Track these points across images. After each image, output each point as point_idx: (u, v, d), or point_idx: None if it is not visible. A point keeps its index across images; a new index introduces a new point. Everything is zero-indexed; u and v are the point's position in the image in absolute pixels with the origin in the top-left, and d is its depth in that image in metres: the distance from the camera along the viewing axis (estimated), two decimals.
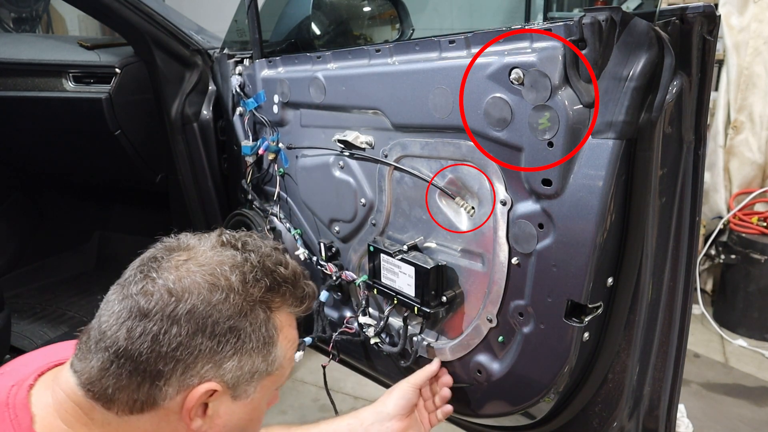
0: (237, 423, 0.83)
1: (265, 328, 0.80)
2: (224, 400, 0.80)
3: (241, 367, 0.78)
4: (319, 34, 1.99)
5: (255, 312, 0.79)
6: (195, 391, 0.76)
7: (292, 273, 0.85)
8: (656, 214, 1.04)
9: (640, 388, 1.17)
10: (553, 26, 0.99)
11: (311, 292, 0.88)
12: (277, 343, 0.82)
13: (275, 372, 0.83)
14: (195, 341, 0.74)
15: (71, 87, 2.09)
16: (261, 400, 0.85)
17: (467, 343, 1.29)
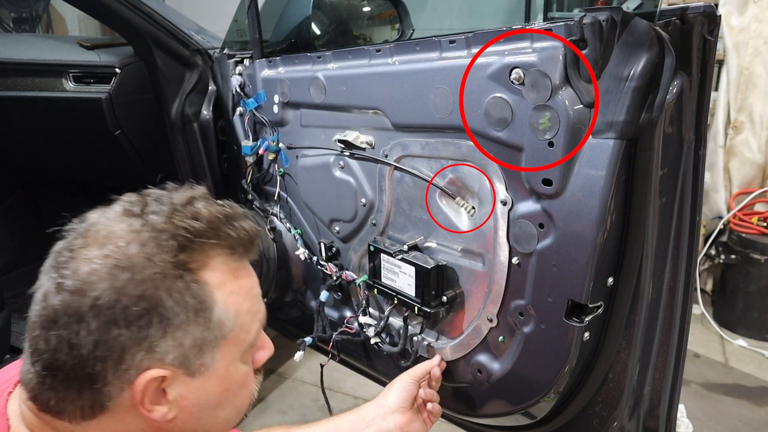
0: (210, 398, 0.74)
1: (189, 294, 0.68)
2: (180, 381, 0.71)
3: (180, 343, 0.68)
4: (319, 34, 1.99)
5: (169, 281, 0.67)
6: (137, 384, 0.67)
7: (210, 222, 0.71)
8: (656, 214, 1.04)
9: (641, 388, 1.17)
10: (553, 26, 0.99)
11: (244, 235, 0.75)
12: (216, 304, 0.71)
13: (230, 335, 0.73)
14: (111, 335, 0.65)
15: (71, 87, 2.09)
16: (229, 368, 0.75)
17: (468, 343, 1.29)
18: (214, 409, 0.76)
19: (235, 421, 0.82)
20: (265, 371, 2.85)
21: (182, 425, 0.74)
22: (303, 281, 1.79)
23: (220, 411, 0.77)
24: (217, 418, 0.77)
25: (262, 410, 2.58)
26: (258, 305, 0.78)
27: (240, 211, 0.76)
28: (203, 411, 0.75)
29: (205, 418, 0.76)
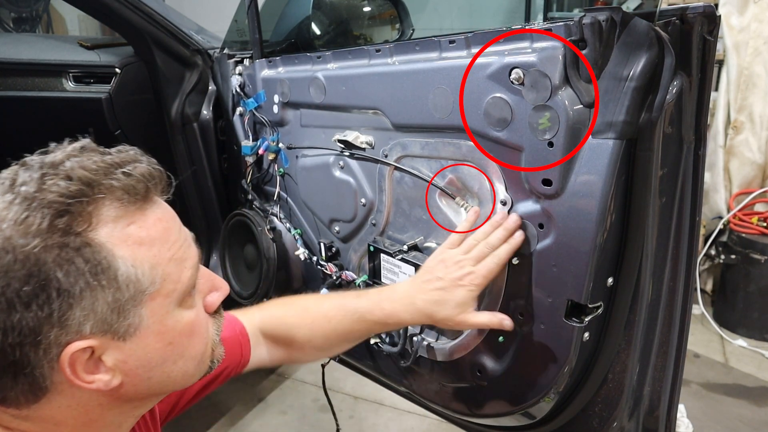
0: (153, 356, 0.70)
1: (81, 259, 0.62)
2: (113, 347, 0.67)
3: (92, 311, 0.63)
4: (319, 34, 1.99)
5: (53, 252, 0.61)
6: (62, 361, 0.64)
7: (86, 178, 0.63)
8: (656, 214, 1.04)
9: (640, 388, 1.17)
10: (553, 26, 0.99)
11: (138, 179, 0.67)
12: (118, 262, 0.64)
13: (150, 289, 0.67)
14: (14, 320, 0.61)
15: (71, 87, 2.09)
16: (165, 322, 0.70)
17: (467, 344, 1.29)
18: (163, 365, 0.72)
19: (196, 372, 0.77)
20: (265, 371, 2.83)
21: (134, 388, 0.71)
22: (303, 281, 1.79)
23: (171, 366, 0.73)
24: (171, 374, 0.73)
25: (262, 410, 2.58)
26: (183, 251, 0.71)
27: (130, 155, 0.69)
28: (151, 370, 0.71)
29: (156, 376, 0.72)
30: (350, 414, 2.54)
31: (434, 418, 2.25)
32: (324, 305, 1.19)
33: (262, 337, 1.20)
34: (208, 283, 0.80)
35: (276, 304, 1.24)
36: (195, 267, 0.73)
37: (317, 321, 1.17)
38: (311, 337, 1.18)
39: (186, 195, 2.03)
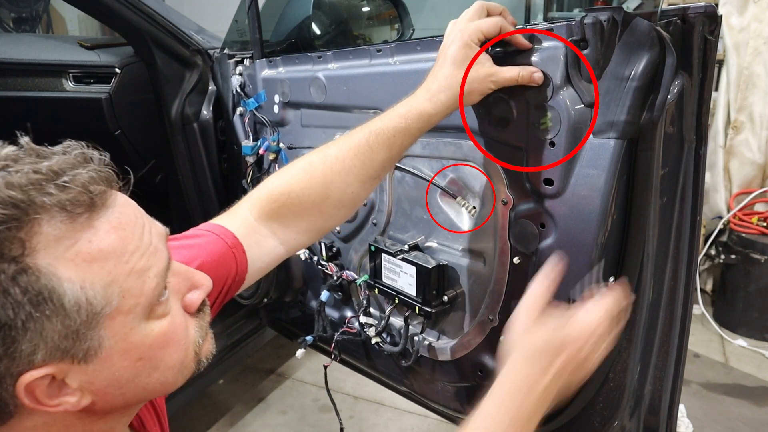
0: (122, 373, 0.64)
1: (18, 289, 0.55)
2: (74, 370, 0.61)
3: (43, 340, 0.57)
4: (320, 34, 1.99)
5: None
6: (18, 391, 0.58)
7: (14, 200, 0.55)
8: (657, 213, 1.04)
9: (641, 388, 1.17)
10: (554, 26, 0.99)
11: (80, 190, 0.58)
12: (60, 287, 0.57)
13: (107, 309, 0.60)
14: None
15: (71, 87, 2.09)
16: (130, 339, 0.63)
17: (468, 343, 1.29)
18: (135, 380, 0.66)
19: (177, 379, 0.71)
20: (265, 371, 2.83)
21: (108, 405, 0.66)
22: (303, 281, 1.79)
23: (145, 379, 0.67)
24: (147, 386, 0.68)
25: (262, 410, 2.58)
26: (146, 259, 0.63)
27: (69, 162, 0.60)
28: (122, 387, 0.65)
29: (130, 391, 0.66)
30: (350, 414, 2.54)
31: (434, 417, 2.25)
32: (331, 149, 1.02)
33: (264, 227, 1.04)
34: (186, 282, 0.72)
35: (272, 178, 1.07)
36: (161, 274, 0.65)
37: (329, 169, 1.01)
38: (327, 193, 1.02)
39: (186, 195, 2.03)
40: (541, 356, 0.83)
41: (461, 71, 0.98)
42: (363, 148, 1.00)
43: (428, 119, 1.00)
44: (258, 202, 1.04)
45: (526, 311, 0.88)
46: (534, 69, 0.99)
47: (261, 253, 1.03)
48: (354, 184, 1.02)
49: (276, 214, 1.04)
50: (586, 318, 0.87)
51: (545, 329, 0.85)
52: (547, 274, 0.93)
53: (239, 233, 1.00)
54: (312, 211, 1.04)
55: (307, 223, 1.06)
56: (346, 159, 1.01)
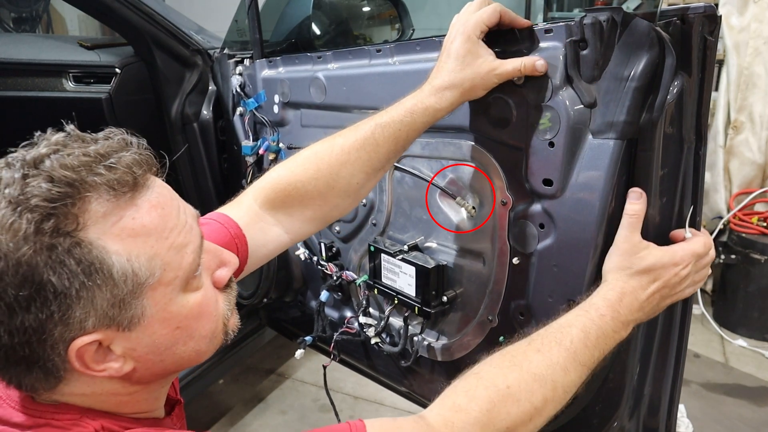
0: (161, 341, 0.70)
1: (73, 260, 0.61)
2: (119, 337, 0.67)
3: (93, 308, 0.63)
4: (320, 34, 1.98)
5: (44, 256, 0.60)
6: (70, 356, 0.64)
7: (68, 178, 0.61)
8: (657, 214, 1.04)
9: (641, 388, 1.17)
10: (554, 26, 0.99)
11: (124, 170, 0.65)
12: (113, 258, 0.63)
13: (150, 281, 0.66)
14: (17, 322, 0.61)
15: (71, 87, 2.09)
16: (169, 309, 0.69)
17: (468, 343, 1.29)
18: (173, 348, 0.72)
19: (208, 348, 0.77)
20: (265, 371, 2.84)
21: (148, 371, 0.72)
22: (303, 281, 1.79)
23: (181, 347, 0.73)
24: (183, 354, 0.73)
25: (262, 410, 2.58)
26: (184, 236, 0.69)
27: (115, 145, 0.68)
28: (161, 354, 0.71)
29: (168, 358, 0.72)
30: (350, 414, 2.54)
31: None
32: (337, 140, 1.05)
33: (269, 215, 1.07)
34: (216, 258, 0.78)
35: (277, 168, 1.09)
36: (197, 250, 0.71)
37: (335, 159, 1.04)
38: (332, 183, 1.04)
39: (186, 195, 2.03)
40: (646, 273, 0.94)
41: (465, 66, 1.00)
42: (369, 141, 1.03)
43: (434, 114, 1.02)
44: (263, 191, 1.07)
45: (628, 239, 0.96)
46: (536, 58, 1.00)
47: (265, 240, 1.06)
48: (359, 175, 1.05)
49: (281, 203, 1.06)
50: (680, 251, 0.96)
51: (651, 252, 0.95)
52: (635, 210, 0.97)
53: (244, 221, 1.03)
54: (317, 200, 1.06)
55: (311, 212, 1.08)
56: (352, 151, 1.03)
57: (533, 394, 0.82)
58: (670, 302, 0.99)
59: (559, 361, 0.85)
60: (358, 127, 1.05)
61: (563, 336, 0.88)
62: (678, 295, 0.99)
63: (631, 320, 0.93)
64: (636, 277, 0.94)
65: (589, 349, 0.88)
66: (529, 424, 0.82)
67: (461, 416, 0.79)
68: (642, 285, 0.94)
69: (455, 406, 0.80)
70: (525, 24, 1.03)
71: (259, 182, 1.09)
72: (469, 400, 0.80)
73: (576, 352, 0.86)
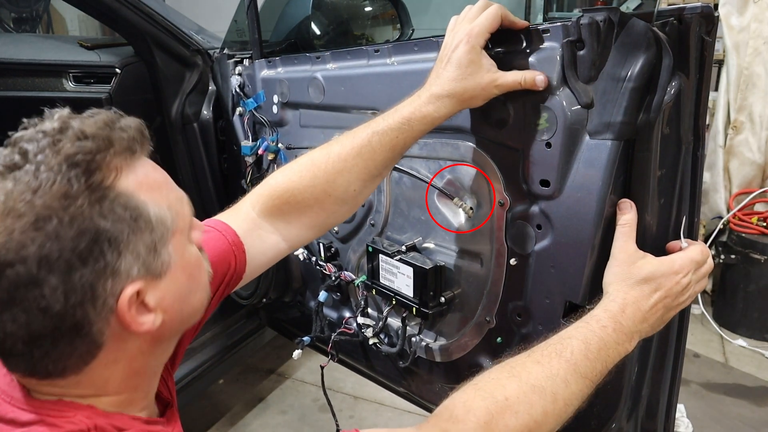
0: (181, 288, 0.75)
1: (120, 207, 0.66)
2: (153, 287, 0.71)
3: (137, 255, 0.68)
4: (319, 34, 1.99)
5: (96, 206, 0.64)
6: (120, 310, 0.67)
7: (97, 135, 0.66)
8: (655, 215, 1.04)
9: (639, 389, 1.17)
10: (551, 27, 0.99)
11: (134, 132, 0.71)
12: (145, 205, 0.69)
13: (172, 226, 0.72)
14: (75, 279, 0.63)
15: (71, 87, 2.09)
16: (185, 255, 0.75)
17: (465, 344, 1.29)
18: (189, 296, 0.77)
19: (206, 301, 0.82)
20: (265, 371, 2.84)
21: (171, 325, 0.75)
22: (302, 281, 1.79)
23: (193, 296, 0.78)
24: (194, 304, 0.79)
25: (262, 410, 2.58)
26: (178, 190, 0.77)
27: (114, 114, 0.72)
28: (182, 303, 0.76)
29: (186, 308, 0.77)
30: (350, 414, 2.54)
31: None
32: (334, 148, 1.06)
33: (267, 223, 1.08)
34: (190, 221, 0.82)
35: (275, 175, 1.10)
36: (189, 203, 0.78)
37: (331, 167, 1.04)
38: (329, 191, 1.06)
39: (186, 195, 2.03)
40: (647, 282, 0.93)
41: (466, 77, 0.99)
42: (366, 149, 1.03)
43: (432, 122, 1.02)
44: (261, 198, 1.08)
45: (623, 249, 0.97)
46: (537, 73, 1.00)
47: (263, 248, 1.07)
48: (356, 182, 1.05)
49: (279, 210, 1.07)
50: (679, 260, 0.97)
51: (649, 261, 0.95)
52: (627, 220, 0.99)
53: (242, 229, 1.04)
54: (314, 208, 1.07)
55: (309, 219, 1.09)
56: (349, 158, 1.04)
57: (532, 406, 0.81)
58: (674, 313, 0.97)
59: (559, 373, 0.84)
60: (355, 134, 1.05)
61: (563, 347, 0.86)
62: (681, 305, 0.98)
63: (635, 331, 0.91)
64: (637, 287, 0.93)
65: (590, 360, 0.86)
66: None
67: (458, 427, 0.78)
68: (644, 295, 0.93)
69: (452, 417, 0.79)
70: (523, 25, 1.03)
71: (256, 190, 1.10)
72: (466, 411, 0.79)
73: (577, 364, 0.85)
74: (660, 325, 0.96)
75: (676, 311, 0.98)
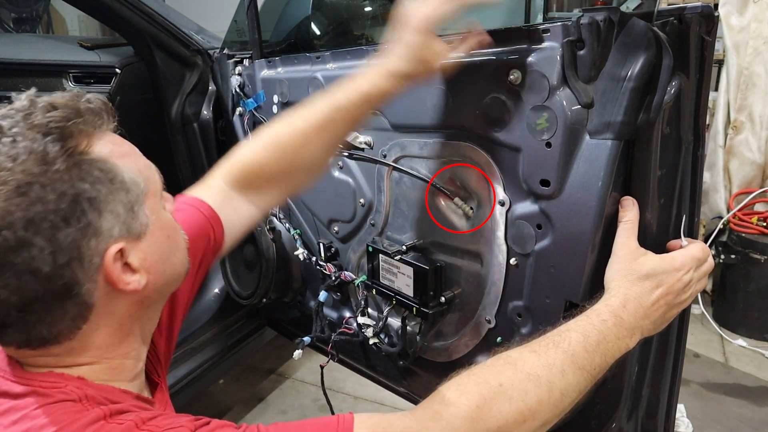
0: (162, 248, 0.79)
1: (97, 170, 0.70)
2: (134, 247, 0.74)
3: (117, 215, 0.72)
4: (319, 34, 1.99)
5: (75, 169, 0.68)
6: (105, 267, 0.71)
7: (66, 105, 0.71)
8: (655, 214, 1.04)
9: (639, 389, 1.17)
10: (551, 26, 0.99)
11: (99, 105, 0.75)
12: (118, 168, 0.73)
13: (146, 189, 0.76)
14: (60, 239, 0.67)
15: (71, 87, 2.09)
16: (161, 217, 0.79)
17: (465, 344, 1.29)
18: (169, 256, 0.81)
19: (186, 263, 0.85)
20: (265, 371, 2.83)
21: (155, 285, 0.78)
22: (302, 281, 1.79)
23: (173, 257, 0.82)
24: (175, 265, 0.82)
25: (262, 410, 2.58)
26: (145, 159, 0.81)
27: (80, 92, 0.77)
28: (164, 263, 0.79)
29: (168, 268, 0.80)
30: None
31: None
32: (298, 123, 1.09)
33: (239, 195, 1.12)
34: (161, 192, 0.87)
35: (242, 150, 1.14)
36: (149, 166, 0.81)
37: (296, 142, 1.09)
38: (295, 163, 1.11)
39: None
40: (649, 278, 0.94)
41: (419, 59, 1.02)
42: (328, 123, 1.08)
43: (389, 97, 1.07)
44: (231, 172, 1.12)
45: (625, 246, 0.97)
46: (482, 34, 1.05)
47: (239, 218, 1.12)
48: (321, 153, 1.12)
49: (249, 183, 1.12)
50: (680, 257, 0.97)
51: (650, 258, 0.95)
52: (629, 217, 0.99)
53: (217, 203, 1.08)
54: (282, 178, 1.13)
55: (278, 188, 1.15)
56: (313, 133, 1.08)
57: (527, 393, 0.81)
58: (676, 312, 0.97)
59: (556, 363, 0.84)
60: (317, 109, 1.08)
61: (561, 339, 0.87)
62: (683, 304, 0.98)
63: (636, 327, 0.91)
64: (639, 283, 0.93)
65: (588, 353, 0.86)
66: (523, 425, 0.81)
67: (450, 410, 0.78)
68: (646, 291, 0.92)
69: (445, 400, 0.79)
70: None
71: (226, 165, 1.13)
72: (459, 394, 0.80)
73: (575, 355, 0.85)
74: (662, 324, 0.96)
75: (678, 309, 0.97)
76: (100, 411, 0.70)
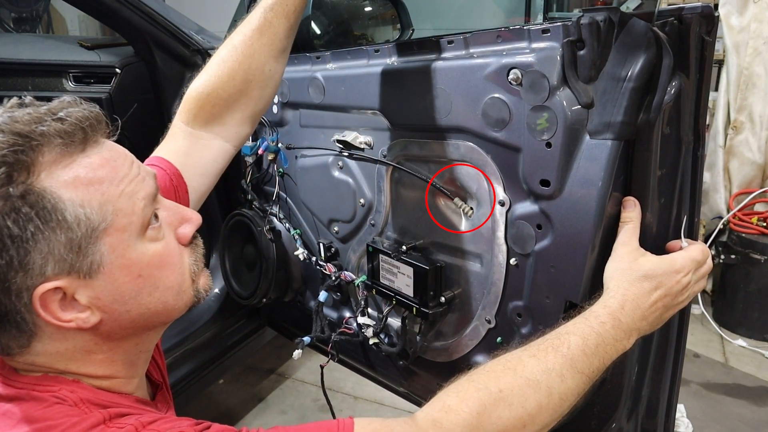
0: (125, 289, 0.73)
1: (26, 206, 0.64)
2: (82, 285, 0.69)
3: (51, 253, 0.66)
4: (319, 34, 1.98)
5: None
6: (34, 305, 0.67)
7: (16, 131, 0.66)
8: (655, 215, 1.04)
9: (639, 389, 1.17)
10: (551, 27, 0.99)
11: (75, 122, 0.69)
12: (61, 204, 0.66)
13: (102, 226, 0.69)
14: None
15: (71, 87, 2.09)
16: (128, 255, 0.72)
17: (466, 344, 1.29)
18: (137, 298, 0.74)
19: (176, 302, 0.80)
20: (265, 371, 2.83)
21: (116, 323, 0.74)
22: (302, 281, 1.79)
23: (147, 298, 0.75)
24: (149, 306, 0.76)
25: (262, 410, 2.58)
26: (135, 185, 0.73)
27: (65, 103, 0.71)
28: (126, 304, 0.73)
29: (134, 309, 0.75)
30: (350, 414, 2.53)
31: None
32: (236, 38, 1.09)
33: (204, 131, 1.11)
34: (177, 216, 0.81)
35: (192, 85, 1.12)
36: (149, 198, 0.75)
37: (241, 55, 1.08)
38: (248, 78, 1.09)
39: None
40: (647, 279, 0.93)
41: None
42: (264, 26, 1.08)
43: None
44: (189, 111, 1.11)
45: (625, 245, 0.97)
46: None
47: (211, 156, 1.12)
48: (269, 61, 1.11)
49: (209, 115, 1.11)
50: (679, 259, 0.96)
51: (650, 259, 0.95)
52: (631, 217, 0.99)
53: (184, 148, 1.09)
54: (241, 100, 1.11)
55: (240, 113, 1.13)
56: (253, 41, 1.08)
57: (526, 399, 0.81)
58: (672, 313, 0.97)
59: (555, 367, 0.83)
60: (250, 19, 1.09)
61: (560, 342, 0.86)
62: (680, 305, 0.98)
63: (634, 329, 0.91)
64: (637, 284, 0.92)
65: (587, 356, 0.86)
66: (522, 431, 0.81)
67: (450, 417, 0.78)
68: (644, 292, 0.92)
69: (445, 407, 0.79)
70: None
71: (181, 106, 1.12)
72: (459, 401, 0.79)
73: (574, 359, 0.85)
74: (659, 324, 0.96)
75: (675, 311, 0.97)
76: (99, 415, 0.69)
